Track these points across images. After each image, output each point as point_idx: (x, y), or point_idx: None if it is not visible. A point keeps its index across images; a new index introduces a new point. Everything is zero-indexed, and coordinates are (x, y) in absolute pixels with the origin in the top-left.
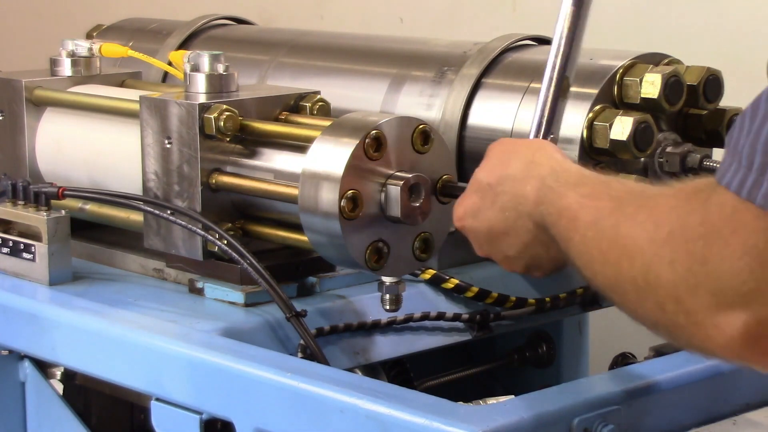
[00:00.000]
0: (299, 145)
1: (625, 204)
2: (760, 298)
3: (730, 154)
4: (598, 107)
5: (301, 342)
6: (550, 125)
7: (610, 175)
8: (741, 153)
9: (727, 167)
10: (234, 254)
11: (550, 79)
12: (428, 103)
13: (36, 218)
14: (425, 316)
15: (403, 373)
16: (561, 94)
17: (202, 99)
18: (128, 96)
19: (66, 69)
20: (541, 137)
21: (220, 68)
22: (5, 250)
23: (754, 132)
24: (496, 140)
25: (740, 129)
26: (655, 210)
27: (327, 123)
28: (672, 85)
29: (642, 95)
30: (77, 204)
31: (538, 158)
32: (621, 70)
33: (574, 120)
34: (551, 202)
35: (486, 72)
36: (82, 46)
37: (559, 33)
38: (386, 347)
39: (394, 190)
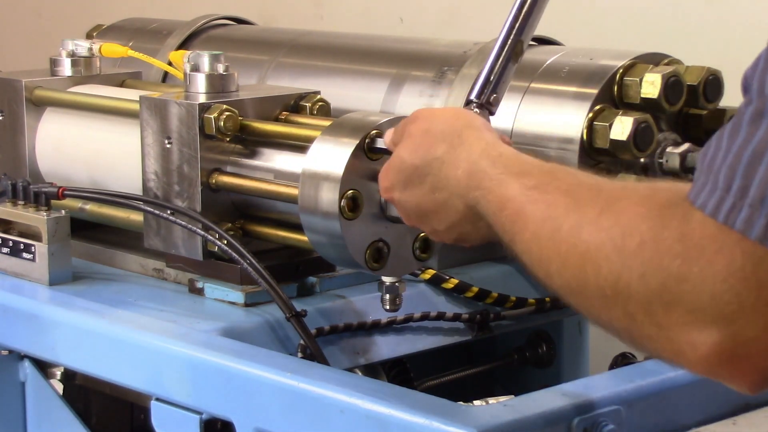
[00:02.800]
0: (299, 145)
1: (583, 203)
2: (741, 319)
3: (704, 174)
4: (598, 107)
5: (301, 342)
6: (495, 87)
7: (551, 162)
8: (717, 174)
9: (701, 187)
10: (234, 254)
11: (505, 38)
12: (428, 103)
13: (36, 218)
14: (425, 316)
15: (403, 373)
16: (513, 57)
17: (202, 99)
18: (128, 96)
19: (66, 69)
20: (484, 98)
21: (220, 68)
22: (5, 250)
23: (733, 153)
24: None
25: (716, 148)
26: (622, 217)
27: (327, 123)
28: (672, 85)
29: (642, 95)
30: (77, 204)
31: (466, 137)
32: (621, 70)
33: (574, 120)
34: (489, 189)
35: None
36: (82, 46)
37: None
38: (386, 347)
39: None
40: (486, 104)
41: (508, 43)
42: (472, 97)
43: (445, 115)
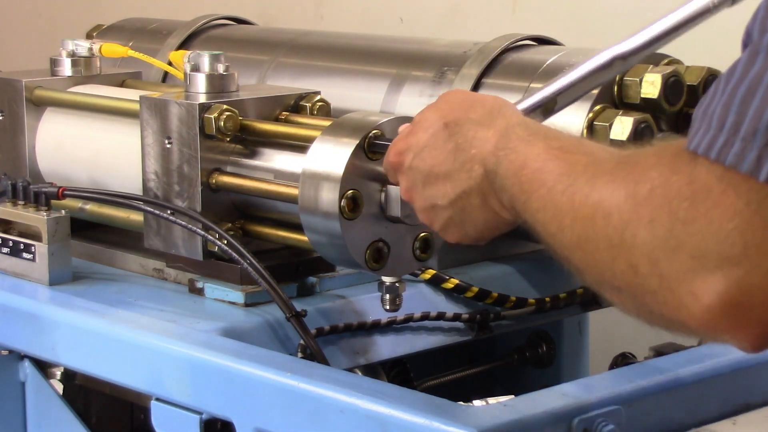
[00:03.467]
0: (299, 145)
1: (602, 161)
2: (745, 262)
3: (698, 119)
4: (598, 107)
5: (301, 342)
6: (541, 105)
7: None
8: (711, 115)
9: (695, 131)
10: (234, 254)
11: (542, 91)
12: (428, 103)
13: (36, 218)
14: (425, 316)
15: (403, 373)
16: (544, 110)
17: (202, 99)
18: (128, 96)
19: (66, 69)
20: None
21: (220, 68)
22: (5, 250)
23: (728, 93)
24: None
25: (712, 95)
26: (636, 167)
27: (327, 123)
28: (672, 85)
29: (642, 95)
30: (77, 204)
31: (504, 110)
32: None
33: (574, 120)
34: (514, 148)
35: (486, 72)
36: (82, 46)
37: (581, 70)
38: (386, 347)
39: (394, 190)
40: None
41: (544, 95)
42: None
43: (482, 94)
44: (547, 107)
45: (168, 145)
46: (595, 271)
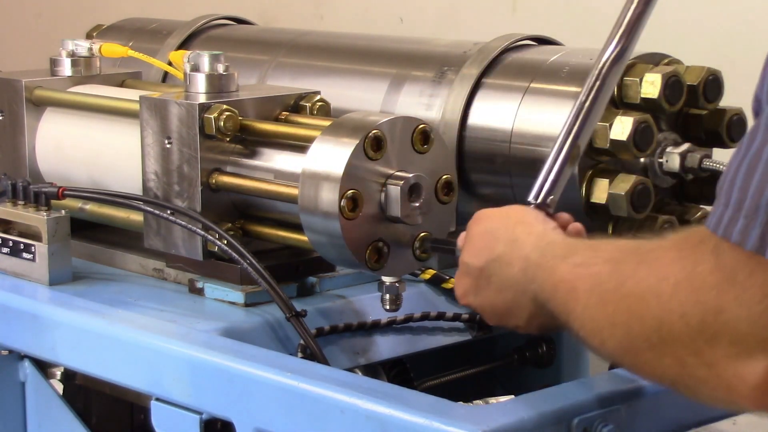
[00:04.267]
0: (299, 145)
1: (623, 263)
2: None
3: (718, 194)
4: None
5: (301, 342)
6: (552, 189)
7: (598, 240)
8: (721, 190)
9: (713, 211)
10: (234, 254)
11: (562, 142)
12: (428, 103)
13: (36, 218)
14: (425, 316)
15: (403, 373)
16: (570, 160)
17: (202, 99)
18: (128, 96)
19: (66, 69)
20: (540, 199)
21: (220, 68)
22: (5, 250)
23: (733, 170)
24: (495, 140)
25: (726, 172)
26: (656, 263)
27: (327, 123)
28: (672, 85)
29: (642, 95)
30: (77, 204)
31: (519, 235)
32: None
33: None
34: (543, 280)
35: (486, 72)
36: (82, 46)
37: (581, 99)
38: (386, 347)
39: (394, 190)
40: (543, 205)
41: (566, 146)
42: (530, 198)
43: (500, 213)
44: (573, 156)
45: (168, 145)
46: (647, 371)
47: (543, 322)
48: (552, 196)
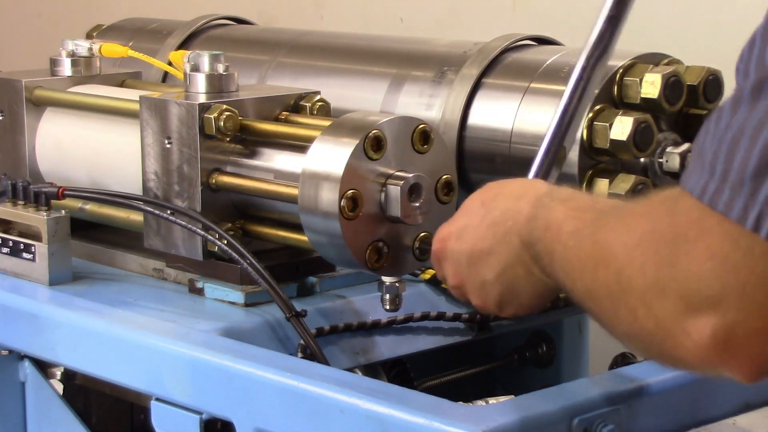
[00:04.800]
0: (299, 145)
1: (606, 214)
2: (726, 302)
3: (695, 159)
4: (598, 107)
5: (301, 342)
6: None
7: (606, 197)
8: (704, 159)
9: (690, 172)
10: (234, 254)
11: (549, 146)
12: (428, 103)
13: (36, 218)
14: (425, 316)
15: (403, 373)
16: (556, 163)
17: (202, 99)
18: (128, 96)
19: (66, 69)
20: None
21: (220, 68)
22: (5, 250)
23: (717, 139)
24: (495, 140)
25: (705, 134)
26: (629, 216)
27: (327, 123)
28: (672, 85)
29: (642, 95)
30: (77, 204)
31: (535, 183)
32: (621, 70)
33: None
34: (542, 217)
35: (486, 72)
36: (82, 46)
37: (565, 102)
38: (386, 347)
39: (394, 190)
40: None
41: (552, 150)
42: None
43: (514, 180)
44: (559, 157)
45: (168, 145)
46: (604, 320)
47: (517, 276)
48: None
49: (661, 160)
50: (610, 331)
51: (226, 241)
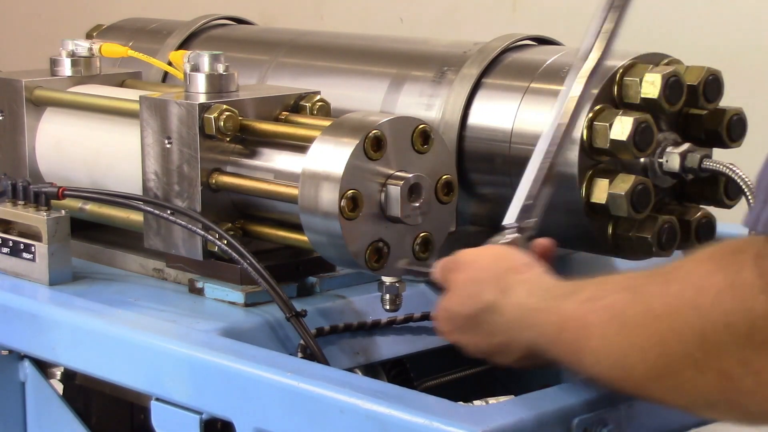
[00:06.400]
0: (299, 145)
1: (644, 287)
2: None
3: (756, 196)
4: (598, 107)
5: (301, 342)
6: (530, 210)
7: (600, 276)
8: (759, 188)
9: (754, 206)
10: (234, 254)
11: (538, 164)
12: (428, 103)
13: (36, 218)
14: (425, 316)
15: (403, 373)
16: (547, 180)
17: (202, 99)
18: (128, 96)
19: (66, 69)
20: (520, 222)
21: (220, 68)
22: (5, 250)
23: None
24: (495, 140)
25: (764, 167)
26: (690, 277)
27: (327, 123)
28: (672, 85)
29: (642, 95)
30: (77, 204)
31: (510, 283)
32: (621, 70)
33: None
34: (542, 322)
35: (486, 72)
36: (82, 46)
37: (553, 122)
38: (386, 347)
39: (394, 190)
40: (522, 229)
41: (541, 167)
42: (506, 222)
43: (485, 259)
44: (549, 176)
45: (168, 145)
46: (683, 395)
47: (537, 361)
48: (531, 219)
49: (661, 160)
50: (691, 403)
51: (226, 241)
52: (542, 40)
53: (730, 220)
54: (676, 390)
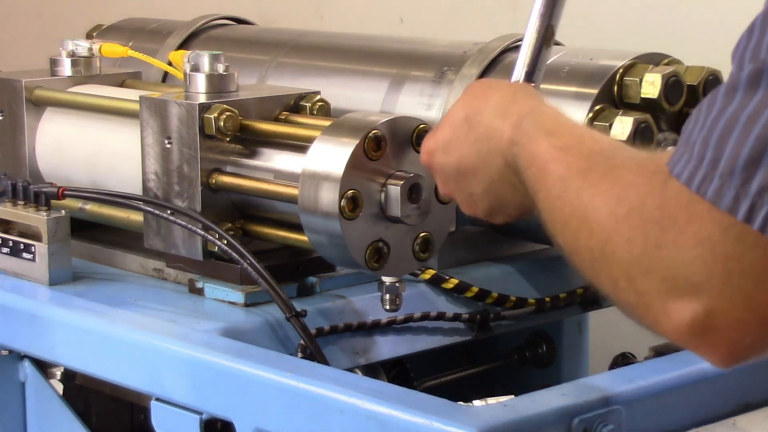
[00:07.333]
0: (299, 145)
1: (593, 167)
2: (710, 290)
3: (683, 144)
4: (598, 107)
5: (301, 342)
6: (531, 74)
7: (587, 128)
8: (693, 145)
9: (678, 157)
10: (234, 254)
11: (534, 26)
12: (428, 103)
13: (36, 218)
14: (425, 316)
15: (403, 373)
16: (545, 42)
17: (202, 99)
18: (128, 96)
19: (66, 69)
20: (522, 80)
21: (220, 68)
22: (5, 250)
23: (708, 126)
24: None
25: (695, 120)
26: (618, 183)
27: (327, 123)
28: (672, 85)
29: (642, 95)
30: (77, 204)
31: (519, 97)
32: (621, 70)
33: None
34: (524, 145)
35: (486, 72)
36: (82, 46)
37: None
38: (386, 347)
39: (394, 190)
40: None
41: (538, 29)
42: (511, 81)
43: (504, 81)
44: (546, 36)
45: (168, 145)
46: (586, 277)
47: (503, 193)
48: (533, 84)
49: None
50: (592, 284)
51: (226, 241)
52: None
53: None
54: (580, 271)
